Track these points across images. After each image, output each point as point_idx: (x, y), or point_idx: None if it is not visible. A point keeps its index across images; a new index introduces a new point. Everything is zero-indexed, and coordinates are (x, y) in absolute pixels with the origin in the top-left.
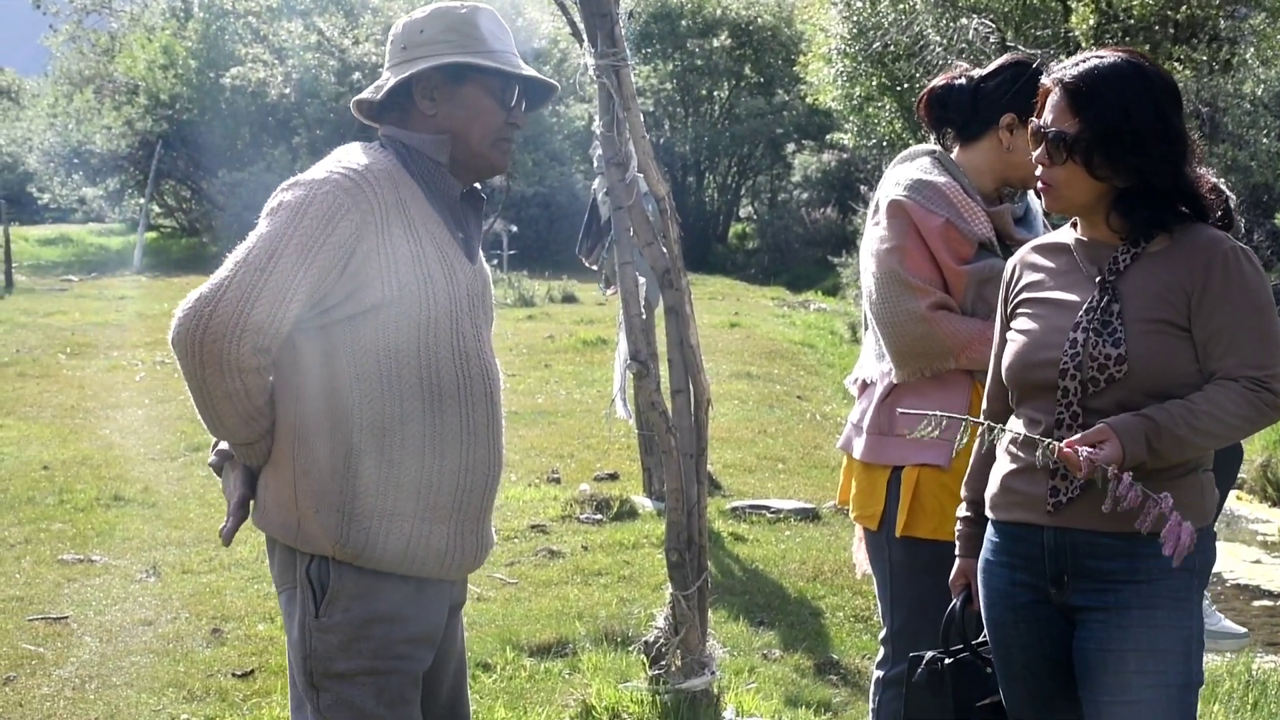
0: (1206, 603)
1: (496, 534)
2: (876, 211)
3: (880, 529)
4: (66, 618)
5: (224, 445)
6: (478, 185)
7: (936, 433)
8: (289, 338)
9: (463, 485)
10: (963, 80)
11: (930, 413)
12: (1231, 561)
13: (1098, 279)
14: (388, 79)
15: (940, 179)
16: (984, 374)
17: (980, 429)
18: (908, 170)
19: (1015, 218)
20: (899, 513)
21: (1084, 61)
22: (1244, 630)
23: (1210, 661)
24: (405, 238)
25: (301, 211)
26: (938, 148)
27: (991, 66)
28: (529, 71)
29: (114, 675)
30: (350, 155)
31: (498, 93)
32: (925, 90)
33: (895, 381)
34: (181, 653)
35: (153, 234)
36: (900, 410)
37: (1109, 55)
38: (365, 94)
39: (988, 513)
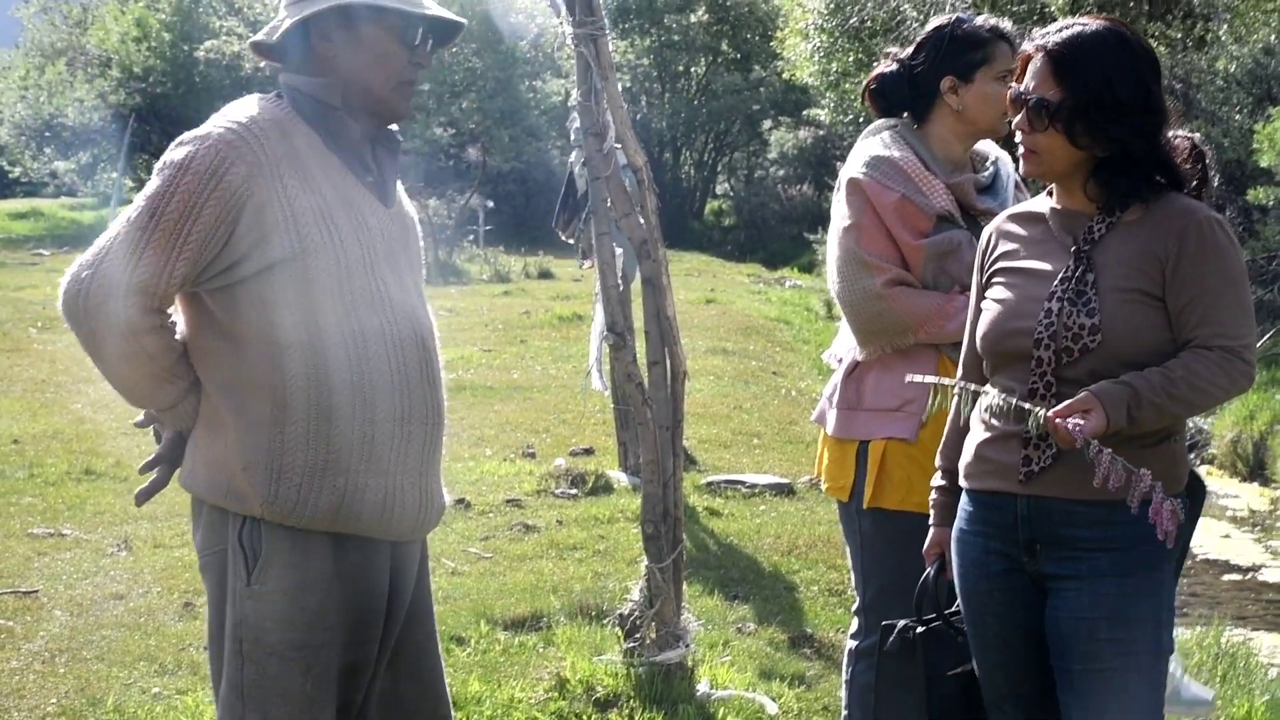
0: (1175, 668)
1: (470, 508)
2: (839, 189)
3: (850, 501)
4: (36, 592)
5: None
6: (393, 126)
7: (940, 401)
8: (200, 297)
9: (399, 436)
10: (893, 66)
11: (935, 379)
12: (1202, 536)
13: (1073, 248)
14: (283, 20)
15: (897, 153)
16: (950, 347)
17: (957, 395)
18: (867, 146)
19: (981, 187)
20: (866, 485)
21: (1067, 28)
22: (1210, 695)
23: (1179, 633)
24: (302, 188)
25: (184, 168)
26: (899, 120)
27: (914, 44)
28: (433, 9)
29: (84, 649)
30: (238, 109)
31: (400, 33)
32: (863, 88)
33: (859, 359)
34: (153, 626)
35: (126, 208)
36: (909, 378)
37: (1092, 23)
38: (260, 35)
39: (961, 482)
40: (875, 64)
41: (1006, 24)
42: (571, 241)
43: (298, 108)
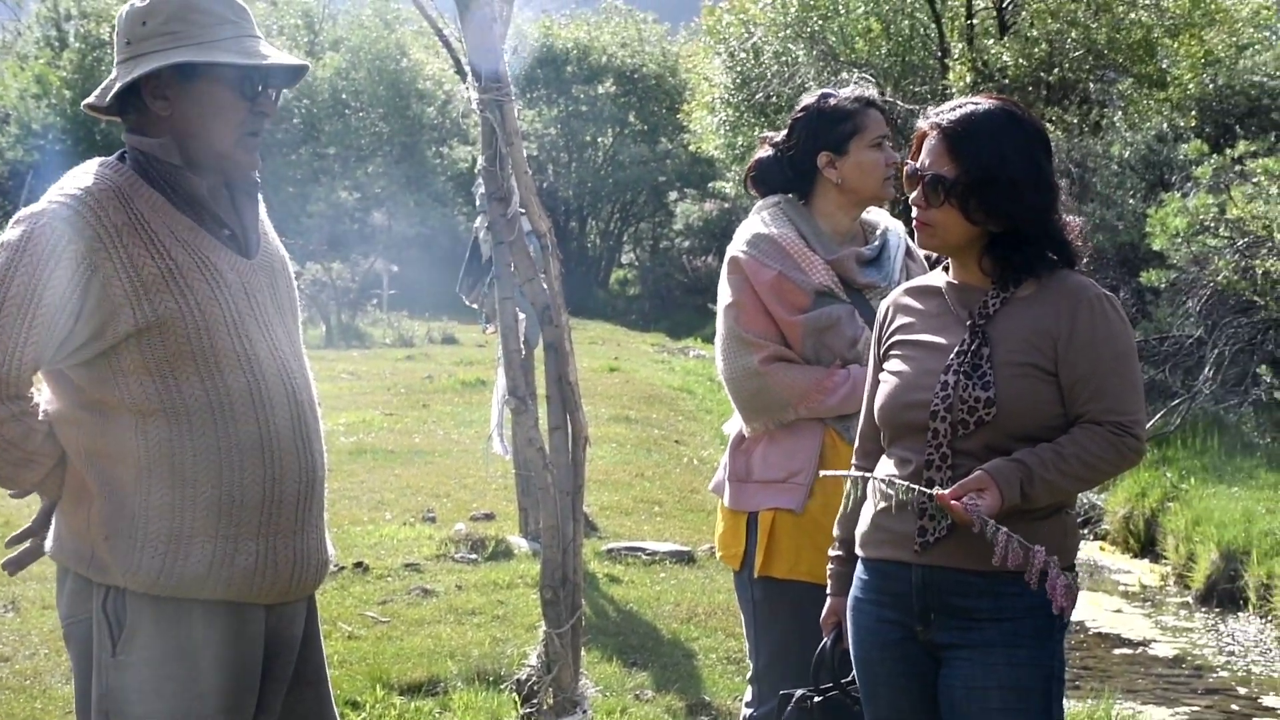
0: None
1: (368, 571)
2: (724, 268)
3: (742, 569)
4: None
5: None
6: (254, 173)
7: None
8: (59, 373)
9: (270, 497)
10: (769, 151)
11: (849, 473)
12: (1094, 610)
13: (968, 322)
14: (114, 79)
15: (776, 231)
16: (836, 420)
17: (850, 482)
18: (751, 223)
19: (865, 260)
20: (756, 554)
21: (961, 107)
22: None
23: (1071, 706)
24: (149, 255)
25: (21, 250)
26: (784, 197)
27: (786, 127)
28: (271, 57)
29: None
30: (75, 179)
31: (236, 85)
32: (744, 177)
33: (745, 433)
34: (39, 689)
35: None
36: (824, 473)
37: (984, 102)
38: (92, 98)
39: (858, 550)
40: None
41: (871, 91)
42: (475, 306)
43: (139, 169)
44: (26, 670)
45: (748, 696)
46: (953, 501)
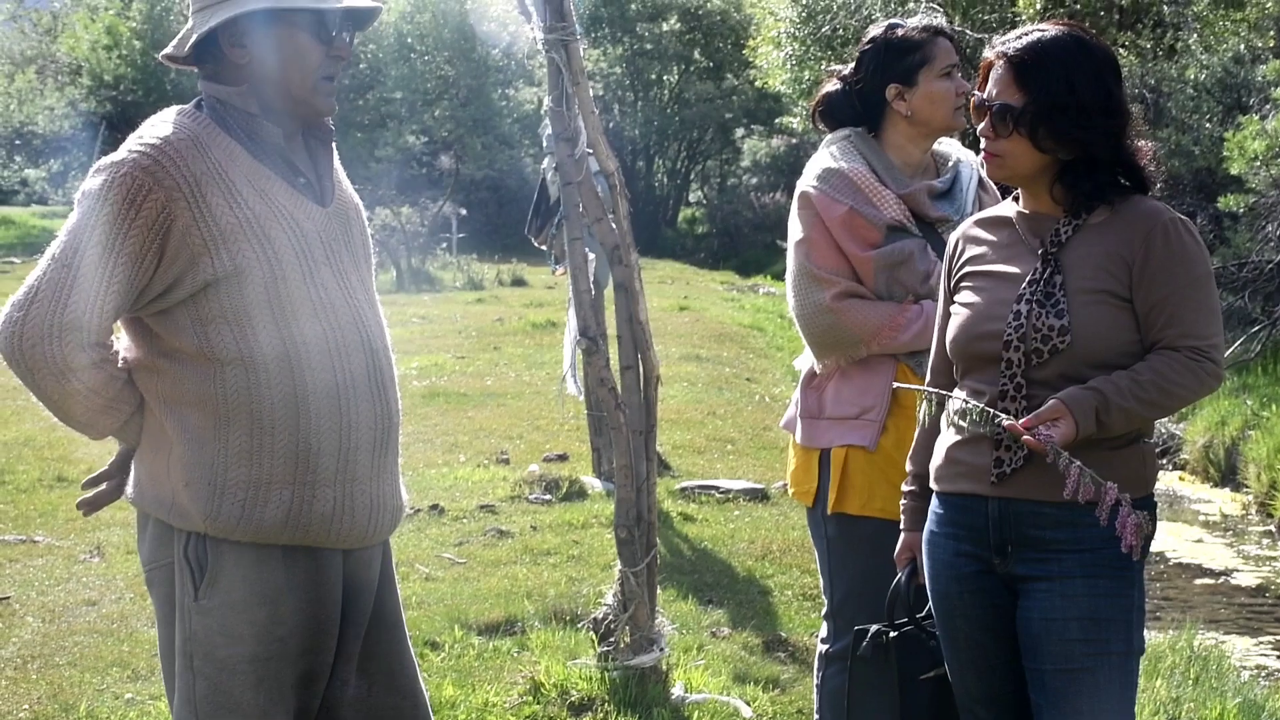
0: None
1: (443, 513)
2: (794, 203)
3: (815, 506)
4: (8, 598)
5: None
6: (329, 119)
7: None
8: (137, 320)
9: (347, 444)
10: (837, 85)
11: (925, 388)
12: (1174, 541)
13: (1040, 251)
14: (191, 28)
15: (846, 165)
16: (908, 356)
17: (924, 401)
18: (821, 158)
19: (937, 193)
20: (830, 491)
21: (1027, 35)
22: None
23: (1152, 637)
24: (228, 205)
25: (102, 198)
26: (854, 130)
27: (852, 63)
28: (345, 1)
29: (57, 655)
30: (153, 128)
31: (313, 28)
32: (811, 111)
33: (817, 369)
34: (126, 633)
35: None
36: (896, 385)
37: (1051, 29)
38: (169, 48)
39: (932, 484)
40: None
41: (939, 19)
42: (544, 248)
43: (216, 118)
44: (113, 614)
45: (823, 632)
46: (1025, 434)
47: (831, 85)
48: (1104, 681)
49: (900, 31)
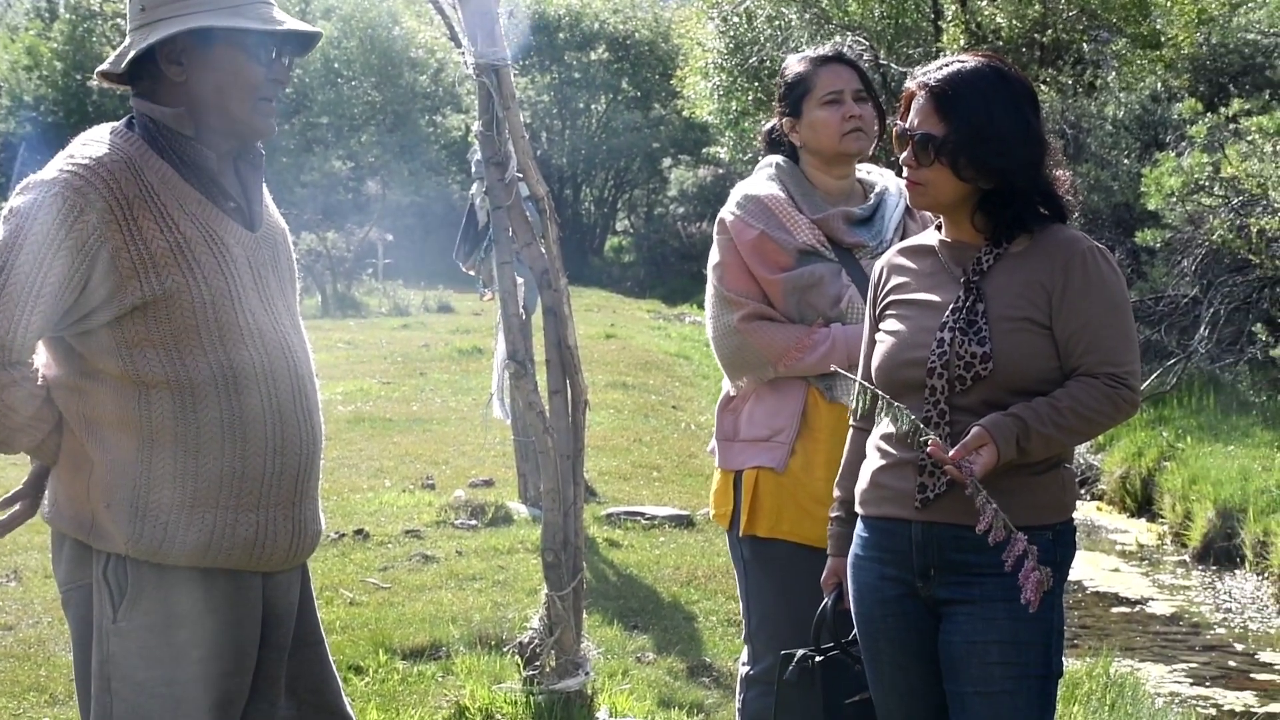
0: None
1: (368, 538)
2: (715, 229)
3: (732, 528)
4: None
5: None
6: (259, 144)
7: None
8: (59, 339)
9: (273, 470)
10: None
11: (854, 378)
12: (1091, 570)
13: (962, 279)
14: (129, 45)
15: (764, 191)
16: (818, 379)
17: (855, 396)
18: (743, 184)
19: (855, 220)
20: (741, 513)
21: (947, 66)
22: None
23: (1070, 664)
24: (158, 228)
25: (30, 218)
26: (780, 158)
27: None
28: (288, 24)
29: None
30: (85, 147)
31: (253, 50)
32: (761, 140)
33: (732, 393)
34: (43, 657)
35: None
36: (834, 368)
37: (970, 60)
38: (106, 65)
39: (858, 508)
40: (772, 103)
41: (826, 49)
42: (472, 273)
43: (148, 138)
44: (30, 638)
45: (744, 655)
46: (948, 464)
47: (775, 117)
48: (1023, 704)
49: (787, 65)
